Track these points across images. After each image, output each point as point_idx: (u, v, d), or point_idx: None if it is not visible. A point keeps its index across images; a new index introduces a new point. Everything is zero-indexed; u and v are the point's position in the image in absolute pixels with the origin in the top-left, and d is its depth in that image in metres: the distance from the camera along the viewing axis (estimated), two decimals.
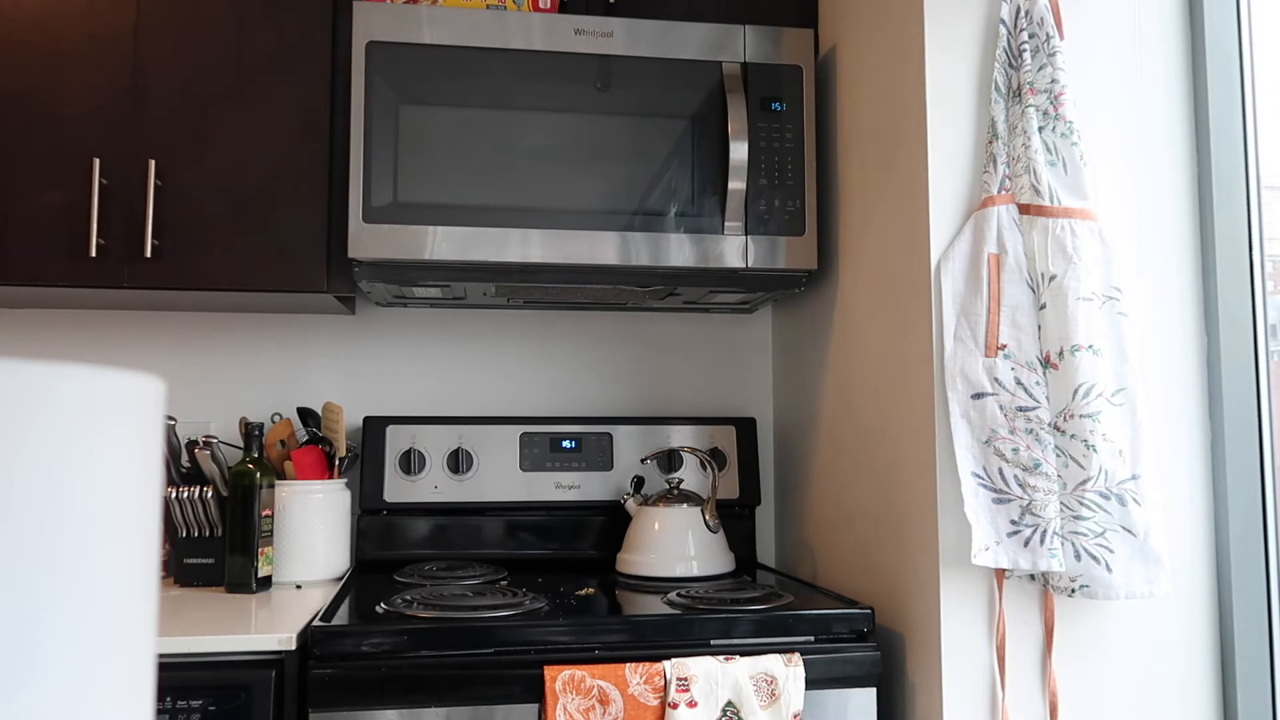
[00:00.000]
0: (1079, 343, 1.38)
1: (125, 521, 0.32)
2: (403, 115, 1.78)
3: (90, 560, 0.30)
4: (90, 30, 1.81)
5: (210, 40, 1.84)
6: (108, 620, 0.31)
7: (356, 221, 1.75)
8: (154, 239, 1.78)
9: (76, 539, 0.30)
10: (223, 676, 1.42)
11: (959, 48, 1.53)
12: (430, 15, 1.81)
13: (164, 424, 0.37)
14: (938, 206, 1.51)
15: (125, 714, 0.32)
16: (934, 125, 1.52)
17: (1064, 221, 1.42)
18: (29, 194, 1.77)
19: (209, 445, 1.89)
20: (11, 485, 0.28)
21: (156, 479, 0.35)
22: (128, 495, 0.32)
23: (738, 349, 2.32)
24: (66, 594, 0.29)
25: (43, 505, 0.29)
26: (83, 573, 0.30)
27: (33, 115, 1.79)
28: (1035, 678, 1.45)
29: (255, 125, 1.84)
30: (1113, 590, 1.38)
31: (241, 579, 1.78)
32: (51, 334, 2.12)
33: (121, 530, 0.32)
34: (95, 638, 0.30)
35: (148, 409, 0.34)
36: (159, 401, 0.35)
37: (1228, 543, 1.49)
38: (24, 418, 0.28)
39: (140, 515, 0.33)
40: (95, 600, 0.30)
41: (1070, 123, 1.45)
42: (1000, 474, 1.41)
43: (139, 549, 0.33)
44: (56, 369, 0.29)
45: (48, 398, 0.29)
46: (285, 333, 2.18)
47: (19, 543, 0.28)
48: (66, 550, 0.30)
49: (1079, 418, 1.38)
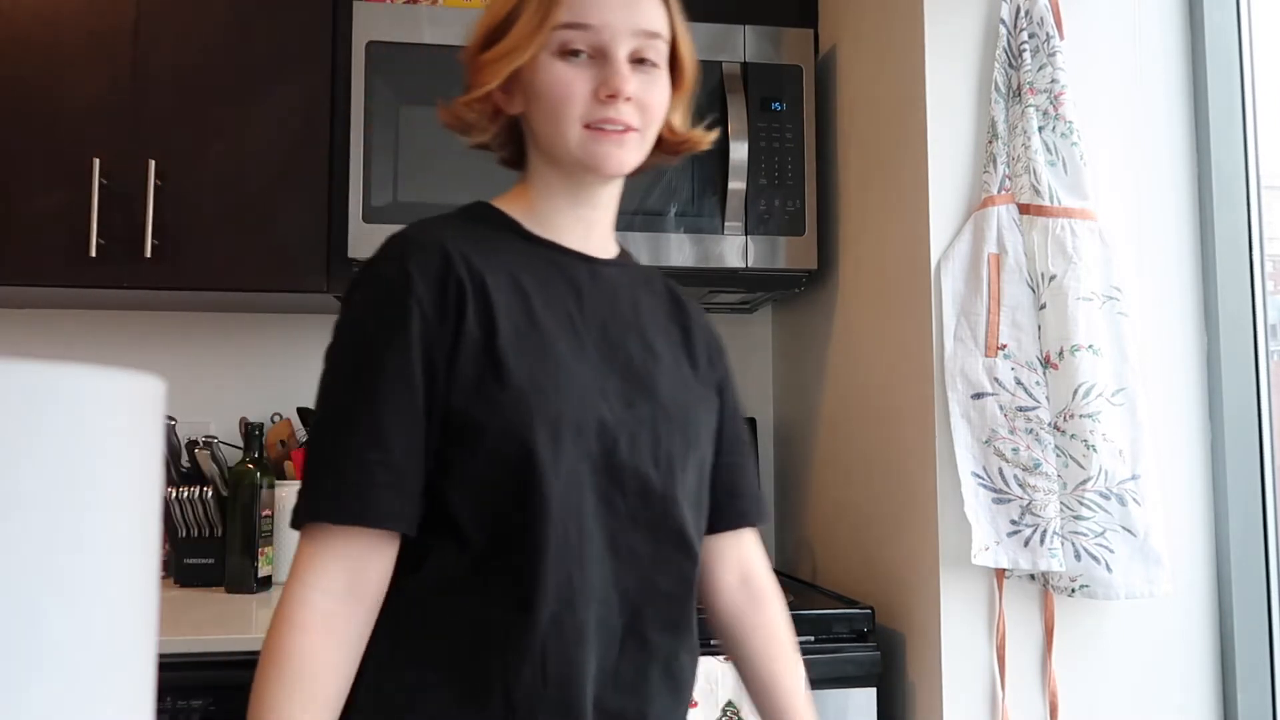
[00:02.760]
0: (1079, 343, 1.38)
1: (125, 521, 0.32)
2: (403, 115, 1.77)
3: (91, 561, 0.30)
4: (90, 30, 1.81)
5: (210, 40, 1.84)
6: (108, 620, 0.31)
7: (356, 221, 1.75)
8: (154, 239, 1.78)
9: (77, 539, 0.30)
10: (223, 676, 1.42)
11: (959, 48, 1.53)
12: (430, 15, 1.81)
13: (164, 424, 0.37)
14: (938, 206, 1.51)
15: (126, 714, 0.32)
16: (934, 125, 1.52)
17: (1064, 221, 1.42)
18: (29, 194, 1.77)
19: (209, 445, 1.89)
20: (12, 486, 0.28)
21: (156, 479, 0.35)
22: (128, 495, 0.32)
23: (737, 349, 2.32)
24: (67, 594, 0.29)
25: (43, 506, 0.29)
26: (83, 573, 0.30)
27: (33, 115, 1.78)
28: (1035, 678, 1.45)
29: (255, 125, 1.84)
30: (1113, 590, 1.38)
31: (241, 579, 1.78)
32: (51, 334, 2.12)
33: (122, 530, 0.32)
34: (96, 638, 0.30)
35: (148, 409, 0.34)
36: (159, 401, 0.35)
37: (1228, 543, 1.49)
38: (24, 418, 0.28)
39: (140, 515, 0.33)
40: (96, 600, 0.30)
41: (1070, 123, 1.45)
42: (1000, 474, 1.41)
43: (139, 549, 0.33)
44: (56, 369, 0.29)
45: (47, 398, 0.29)
46: (286, 333, 2.18)
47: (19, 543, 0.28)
48: (67, 551, 0.30)
49: (1079, 418, 1.38)
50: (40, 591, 0.28)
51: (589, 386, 0.90)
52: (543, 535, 0.85)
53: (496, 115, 0.98)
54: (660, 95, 0.94)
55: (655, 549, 0.91)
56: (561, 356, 0.90)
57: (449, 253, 0.90)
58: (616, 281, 0.99)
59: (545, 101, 0.92)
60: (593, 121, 0.90)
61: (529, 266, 0.94)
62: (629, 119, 0.91)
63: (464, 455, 0.87)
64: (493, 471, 0.87)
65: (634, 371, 0.94)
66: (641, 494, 0.91)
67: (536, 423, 0.86)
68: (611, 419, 0.90)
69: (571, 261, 0.97)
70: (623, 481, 0.90)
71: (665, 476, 0.92)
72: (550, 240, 0.97)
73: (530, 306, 0.91)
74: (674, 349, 1.00)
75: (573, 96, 0.90)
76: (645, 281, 1.04)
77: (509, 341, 0.88)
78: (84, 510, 0.30)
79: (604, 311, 0.96)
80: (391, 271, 0.89)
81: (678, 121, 1.01)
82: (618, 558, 0.90)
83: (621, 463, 0.90)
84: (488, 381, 0.87)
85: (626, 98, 0.90)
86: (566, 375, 0.89)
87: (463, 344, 0.87)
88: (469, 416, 0.87)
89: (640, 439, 0.91)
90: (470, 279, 0.89)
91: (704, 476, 1.00)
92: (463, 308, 0.88)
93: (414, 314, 0.87)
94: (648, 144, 0.95)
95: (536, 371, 0.87)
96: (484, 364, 0.87)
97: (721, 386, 1.05)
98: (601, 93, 0.90)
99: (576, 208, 0.97)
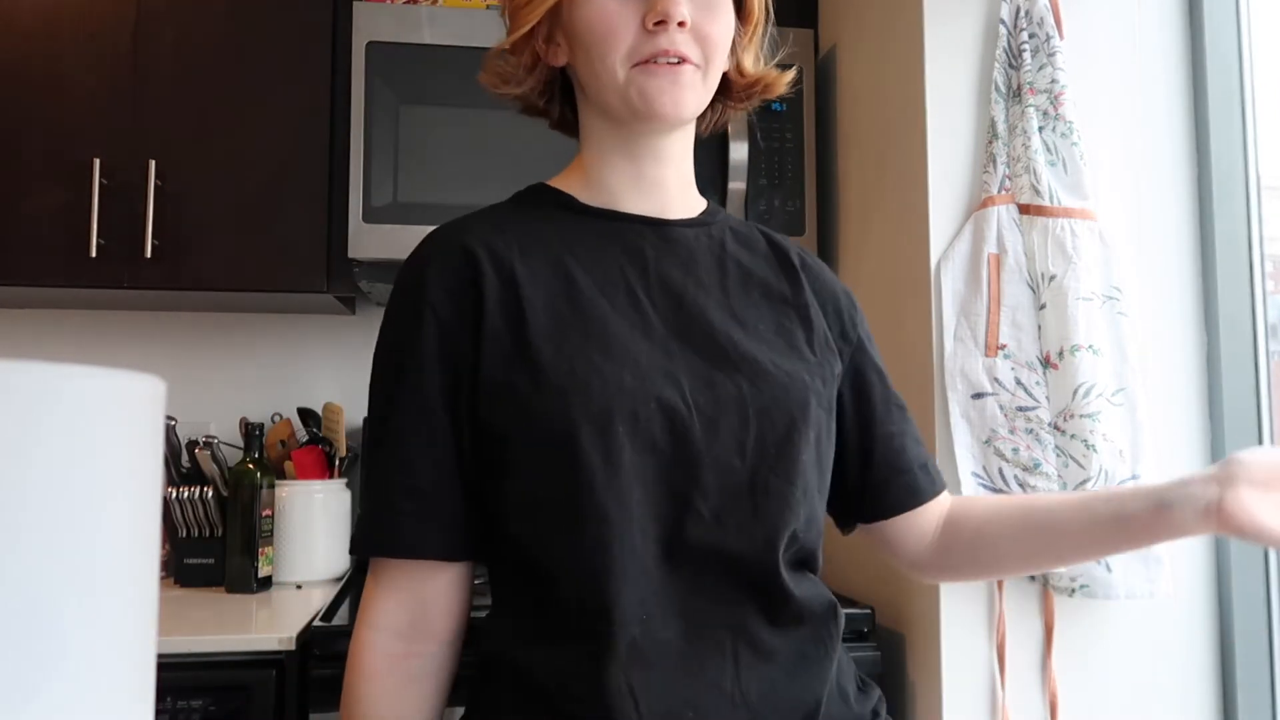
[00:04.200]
0: (1079, 343, 1.38)
1: (126, 522, 0.32)
2: (403, 115, 1.77)
3: (91, 561, 0.30)
4: (90, 30, 1.81)
5: (210, 40, 1.84)
6: (108, 620, 0.31)
7: (356, 221, 1.75)
8: (154, 239, 1.78)
9: (77, 540, 0.30)
10: (223, 676, 1.42)
11: (959, 48, 1.53)
12: (430, 15, 1.81)
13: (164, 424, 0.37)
14: (938, 206, 1.51)
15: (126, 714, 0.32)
16: (934, 125, 1.52)
17: (1064, 221, 1.42)
18: (29, 194, 1.77)
19: (209, 445, 1.89)
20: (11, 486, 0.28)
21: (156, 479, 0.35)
22: (128, 495, 0.32)
23: None
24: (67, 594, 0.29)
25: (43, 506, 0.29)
26: (84, 573, 0.30)
27: (33, 115, 1.78)
28: (1035, 678, 1.45)
29: (255, 125, 1.84)
30: (1113, 590, 1.38)
31: (241, 579, 1.78)
32: (51, 334, 2.12)
33: (122, 530, 0.32)
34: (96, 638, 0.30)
35: (148, 409, 0.34)
36: (159, 401, 0.35)
37: (1228, 543, 1.49)
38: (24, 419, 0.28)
39: (140, 515, 0.33)
40: (96, 600, 0.30)
41: (1070, 123, 1.45)
42: (1000, 474, 1.41)
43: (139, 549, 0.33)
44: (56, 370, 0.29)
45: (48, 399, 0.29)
46: (285, 333, 2.18)
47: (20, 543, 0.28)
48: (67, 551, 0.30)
49: (1079, 418, 1.38)
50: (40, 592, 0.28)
51: (651, 368, 0.78)
52: (603, 551, 0.74)
53: (535, 65, 0.86)
54: (721, 26, 0.81)
55: (747, 548, 0.78)
56: (614, 338, 0.78)
57: (469, 249, 0.81)
58: (694, 244, 0.87)
59: (587, 39, 0.80)
60: (642, 57, 0.78)
61: (579, 243, 0.83)
62: (684, 49, 0.78)
63: (504, 472, 0.78)
64: (538, 485, 0.77)
65: (716, 345, 0.81)
66: (725, 489, 0.78)
67: (578, 419, 0.74)
68: (682, 403, 0.77)
69: (633, 228, 0.85)
70: (699, 475, 0.77)
71: (757, 465, 0.78)
72: (607, 209, 0.86)
73: (575, 289, 0.80)
74: (775, 313, 0.87)
75: (616, 29, 0.78)
76: (738, 239, 0.91)
77: (543, 334, 0.78)
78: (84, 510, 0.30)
79: (676, 279, 0.84)
80: (407, 278, 0.83)
81: (748, 62, 0.89)
82: (699, 562, 0.77)
83: (697, 454, 0.77)
84: (518, 384, 0.77)
85: (680, 22, 0.77)
86: (619, 359, 0.77)
87: (485, 348, 0.78)
88: (499, 428, 0.77)
89: (722, 424, 0.78)
90: (496, 273, 0.80)
91: (825, 459, 0.85)
92: (482, 307, 0.79)
93: (428, 323, 0.80)
94: (710, 83, 0.83)
95: (578, 362, 0.76)
96: (513, 365, 0.77)
97: (856, 348, 0.91)
98: (649, 20, 0.77)
99: (636, 164, 0.85)
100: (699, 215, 0.90)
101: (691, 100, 0.81)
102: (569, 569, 0.75)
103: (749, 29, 0.88)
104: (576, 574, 0.75)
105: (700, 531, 0.77)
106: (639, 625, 0.74)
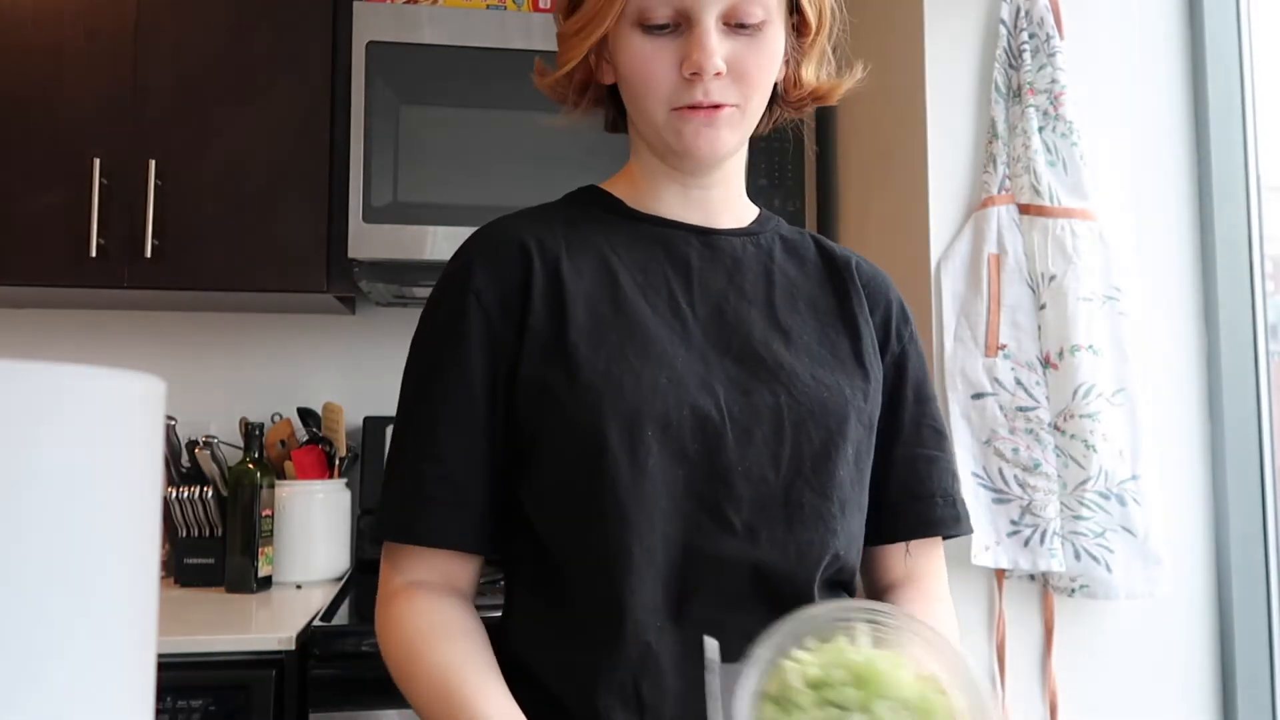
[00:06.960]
0: (1079, 343, 1.38)
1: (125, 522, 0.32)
2: (403, 115, 1.78)
3: (91, 561, 0.30)
4: (91, 30, 1.81)
5: (210, 40, 1.84)
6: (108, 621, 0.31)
7: (356, 221, 1.75)
8: (154, 239, 1.78)
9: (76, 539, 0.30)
10: (223, 676, 1.42)
11: (959, 48, 1.53)
12: (430, 15, 1.81)
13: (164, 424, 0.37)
14: (938, 206, 1.51)
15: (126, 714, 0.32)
16: (934, 125, 1.52)
17: (1064, 221, 1.42)
18: (29, 194, 1.77)
19: (209, 445, 1.89)
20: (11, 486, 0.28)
21: (156, 479, 0.35)
22: (128, 495, 0.32)
23: None
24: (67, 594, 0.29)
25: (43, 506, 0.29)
26: (84, 573, 0.30)
27: (33, 115, 1.78)
28: (1035, 677, 1.45)
29: (255, 125, 1.84)
30: (1113, 590, 1.38)
31: (241, 579, 1.78)
32: (51, 334, 2.12)
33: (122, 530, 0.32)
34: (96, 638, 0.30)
35: (148, 409, 0.34)
36: (159, 401, 0.35)
37: (1228, 543, 1.49)
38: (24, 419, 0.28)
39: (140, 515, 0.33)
40: (96, 600, 0.30)
41: (1070, 123, 1.45)
42: (1000, 474, 1.41)
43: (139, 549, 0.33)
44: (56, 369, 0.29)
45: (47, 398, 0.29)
46: (285, 333, 2.18)
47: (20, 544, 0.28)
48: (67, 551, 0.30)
49: (1079, 418, 1.38)
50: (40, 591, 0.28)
51: (687, 374, 0.77)
52: (622, 554, 0.73)
53: (585, 88, 0.87)
54: (765, 59, 0.80)
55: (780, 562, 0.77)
56: (652, 343, 0.78)
57: (523, 243, 0.81)
58: (740, 253, 0.86)
59: (627, 82, 0.80)
60: (679, 104, 0.78)
61: (626, 246, 0.84)
62: (718, 97, 0.78)
63: (532, 468, 0.78)
64: (563, 482, 0.77)
65: (755, 355, 0.80)
66: (757, 501, 0.76)
67: (609, 418, 0.74)
68: (715, 412, 0.76)
69: (680, 235, 0.85)
70: (732, 485, 0.76)
71: (792, 478, 0.77)
72: (656, 215, 0.86)
73: (618, 291, 0.80)
74: (820, 325, 0.86)
75: (654, 76, 0.78)
76: (787, 248, 0.90)
77: (583, 332, 0.78)
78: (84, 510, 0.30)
79: (719, 288, 0.83)
80: (454, 268, 0.83)
81: (808, 73, 0.88)
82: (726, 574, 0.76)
83: (729, 464, 0.76)
84: (553, 379, 0.77)
85: (716, 73, 0.77)
86: (656, 363, 0.77)
87: (527, 340, 0.78)
88: (532, 422, 0.78)
89: (756, 435, 0.77)
90: (543, 267, 0.80)
91: (864, 475, 0.83)
92: (528, 300, 0.79)
93: (473, 312, 0.80)
94: (750, 118, 0.82)
95: (614, 363, 0.76)
96: (550, 360, 0.77)
97: (895, 362, 0.89)
98: (685, 70, 0.77)
99: (683, 186, 0.86)
100: (749, 225, 0.90)
101: (730, 139, 0.81)
102: (585, 569, 0.75)
103: (807, 40, 0.86)
104: (592, 574, 0.75)
105: (731, 543, 0.76)
106: (653, 633, 0.74)
